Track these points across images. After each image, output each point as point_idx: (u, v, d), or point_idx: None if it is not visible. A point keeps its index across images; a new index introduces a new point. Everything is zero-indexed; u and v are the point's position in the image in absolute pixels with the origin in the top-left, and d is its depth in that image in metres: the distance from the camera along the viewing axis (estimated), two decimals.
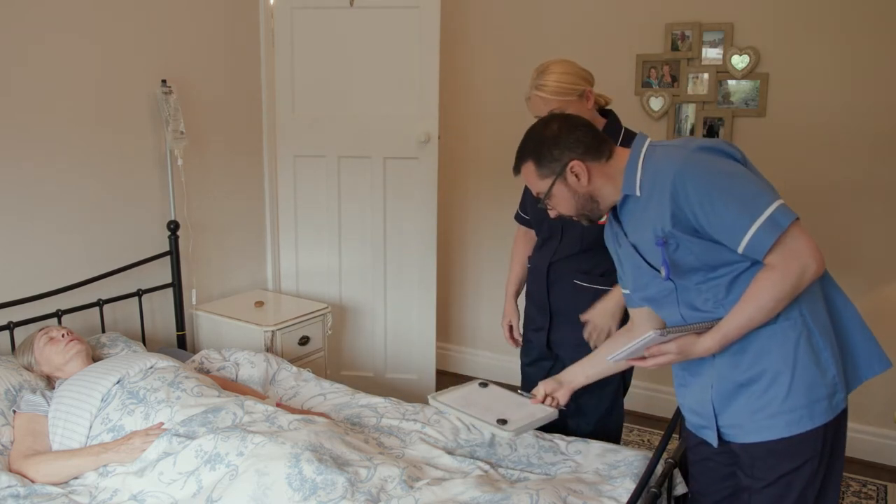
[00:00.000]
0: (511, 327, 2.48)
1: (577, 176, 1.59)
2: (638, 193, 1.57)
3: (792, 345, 1.50)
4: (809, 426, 1.50)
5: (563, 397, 1.95)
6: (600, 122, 2.22)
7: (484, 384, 2.14)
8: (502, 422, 1.89)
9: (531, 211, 2.37)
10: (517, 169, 1.68)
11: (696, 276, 1.53)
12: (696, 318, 1.58)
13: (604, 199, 1.62)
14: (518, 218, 2.50)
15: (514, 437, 2.00)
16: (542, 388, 1.97)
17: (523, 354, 2.48)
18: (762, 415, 1.53)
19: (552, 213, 1.69)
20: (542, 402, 1.96)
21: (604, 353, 1.85)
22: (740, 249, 1.44)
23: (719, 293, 1.52)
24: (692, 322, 1.58)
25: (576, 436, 2.22)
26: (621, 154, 1.62)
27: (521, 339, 2.48)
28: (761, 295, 1.45)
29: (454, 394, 2.07)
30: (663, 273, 1.53)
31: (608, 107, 2.31)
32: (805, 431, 1.50)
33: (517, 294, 2.51)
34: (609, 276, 2.21)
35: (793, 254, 1.41)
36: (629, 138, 2.10)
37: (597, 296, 2.21)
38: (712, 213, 1.43)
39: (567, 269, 2.27)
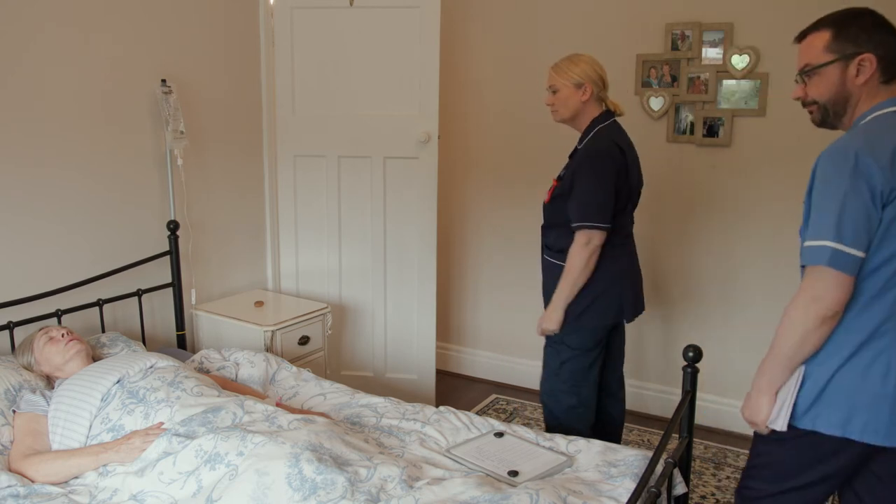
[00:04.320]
0: None
1: (859, 70, 1.55)
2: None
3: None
4: None
5: None
6: (593, 113, 2.44)
7: (499, 434, 2.17)
8: (513, 473, 1.92)
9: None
10: (804, 35, 1.63)
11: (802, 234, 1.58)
12: None
13: (849, 112, 1.59)
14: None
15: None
16: None
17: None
18: None
19: (798, 92, 1.65)
20: None
21: None
22: (803, 244, 1.53)
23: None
24: None
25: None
26: (886, 95, 1.56)
27: None
28: (783, 322, 1.55)
29: (469, 445, 2.11)
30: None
31: (618, 115, 2.51)
32: None
33: None
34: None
35: (802, 287, 1.51)
36: (588, 133, 2.43)
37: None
38: (813, 202, 1.52)
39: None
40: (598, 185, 2.33)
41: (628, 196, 2.43)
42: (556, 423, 2.56)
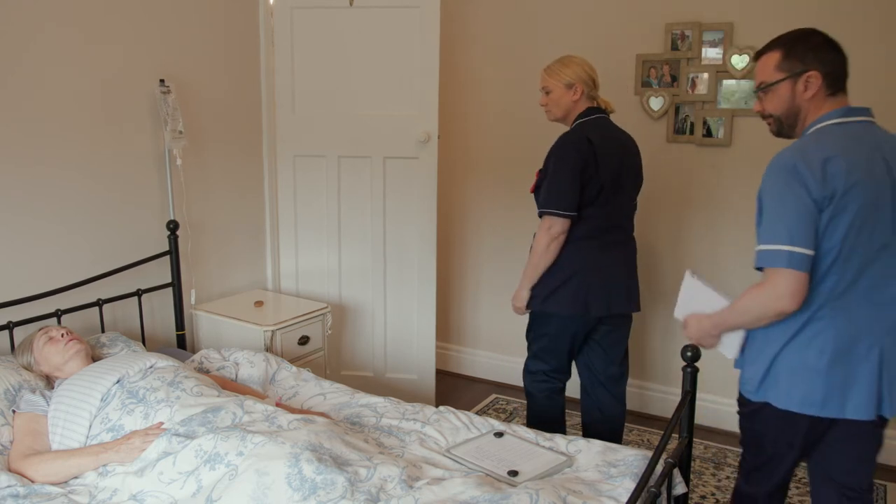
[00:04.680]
0: None
1: (806, 86, 1.73)
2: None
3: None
4: None
5: None
6: (579, 109, 2.55)
7: (499, 434, 2.17)
8: (513, 473, 1.92)
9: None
10: (759, 55, 1.83)
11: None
12: None
13: (800, 123, 1.78)
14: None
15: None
16: None
17: None
18: None
19: (757, 107, 1.86)
20: None
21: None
22: (756, 248, 1.71)
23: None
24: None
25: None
26: (831, 107, 1.75)
27: None
28: (744, 303, 1.76)
29: (469, 445, 2.11)
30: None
31: (609, 112, 2.61)
32: None
33: None
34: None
35: (766, 285, 1.68)
36: (582, 119, 2.54)
37: None
38: (764, 208, 1.70)
39: None
40: (560, 174, 2.44)
41: (600, 189, 2.46)
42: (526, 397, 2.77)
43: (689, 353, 2.08)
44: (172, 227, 2.89)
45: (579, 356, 2.69)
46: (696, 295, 1.95)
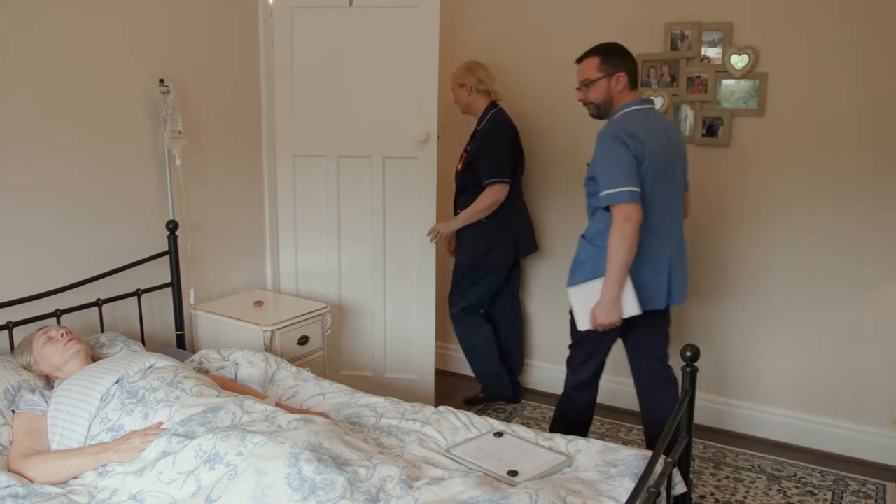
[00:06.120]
0: None
1: (617, 82, 2.45)
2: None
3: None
4: None
5: None
6: (482, 104, 3.35)
7: (499, 434, 2.17)
8: (513, 473, 1.92)
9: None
10: (582, 59, 2.52)
11: (588, 186, 2.50)
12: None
13: (613, 108, 2.48)
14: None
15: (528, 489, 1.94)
16: None
17: None
18: None
19: (580, 96, 2.53)
20: None
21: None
22: (601, 194, 2.37)
23: (589, 207, 2.54)
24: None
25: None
26: (632, 97, 2.48)
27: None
28: (610, 245, 2.35)
29: (469, 445, 2.11)
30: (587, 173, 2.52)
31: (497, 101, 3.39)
32: None
33: None
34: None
35: (617, 218, 2.33)
36: (485, 117, 3.35)
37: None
38: (599, 166, 2.39)
39: None
40: (502, 152, 3.23)
41: (518, 162, 3.34)
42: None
43: (688, 353, 2.08)
44: (172, 227, 2.89)
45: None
46: (586, 296, 2.45)
